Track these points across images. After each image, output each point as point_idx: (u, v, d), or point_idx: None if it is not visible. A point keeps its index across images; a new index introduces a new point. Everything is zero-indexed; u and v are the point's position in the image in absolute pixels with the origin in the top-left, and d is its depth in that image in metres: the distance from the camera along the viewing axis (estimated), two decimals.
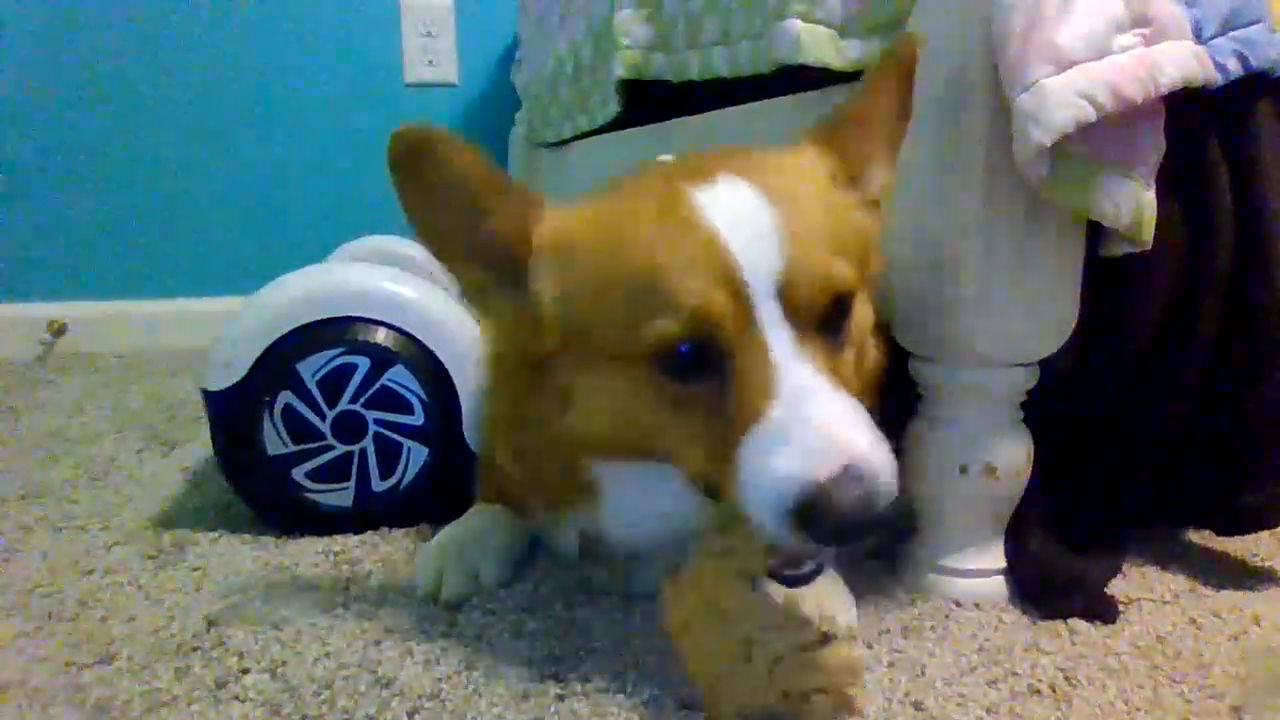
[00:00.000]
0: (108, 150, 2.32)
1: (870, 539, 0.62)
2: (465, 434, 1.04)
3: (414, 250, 1.67)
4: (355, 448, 1.02)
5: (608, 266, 0.70)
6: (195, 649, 0.78)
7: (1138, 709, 0.70)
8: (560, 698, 0.70)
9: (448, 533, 0.92)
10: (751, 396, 0.64)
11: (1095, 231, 0.82)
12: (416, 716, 0.68)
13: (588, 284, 0.71)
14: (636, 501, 0.79)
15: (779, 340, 0.65)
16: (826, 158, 0.76)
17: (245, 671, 0.74)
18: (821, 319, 0.67)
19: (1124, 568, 0.93)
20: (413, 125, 0.72)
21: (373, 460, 1.03)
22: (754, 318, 0.65)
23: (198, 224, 2.41)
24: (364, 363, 1.01)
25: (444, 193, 0.74)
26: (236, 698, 0.70)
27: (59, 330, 2.26)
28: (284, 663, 0.75)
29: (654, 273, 0.66)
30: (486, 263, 0.76)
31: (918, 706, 0.70)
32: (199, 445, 1.40)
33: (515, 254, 0.74)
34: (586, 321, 0.71)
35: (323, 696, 0.70)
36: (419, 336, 1.02)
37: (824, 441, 0.60)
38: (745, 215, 0.67)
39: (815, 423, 0.61)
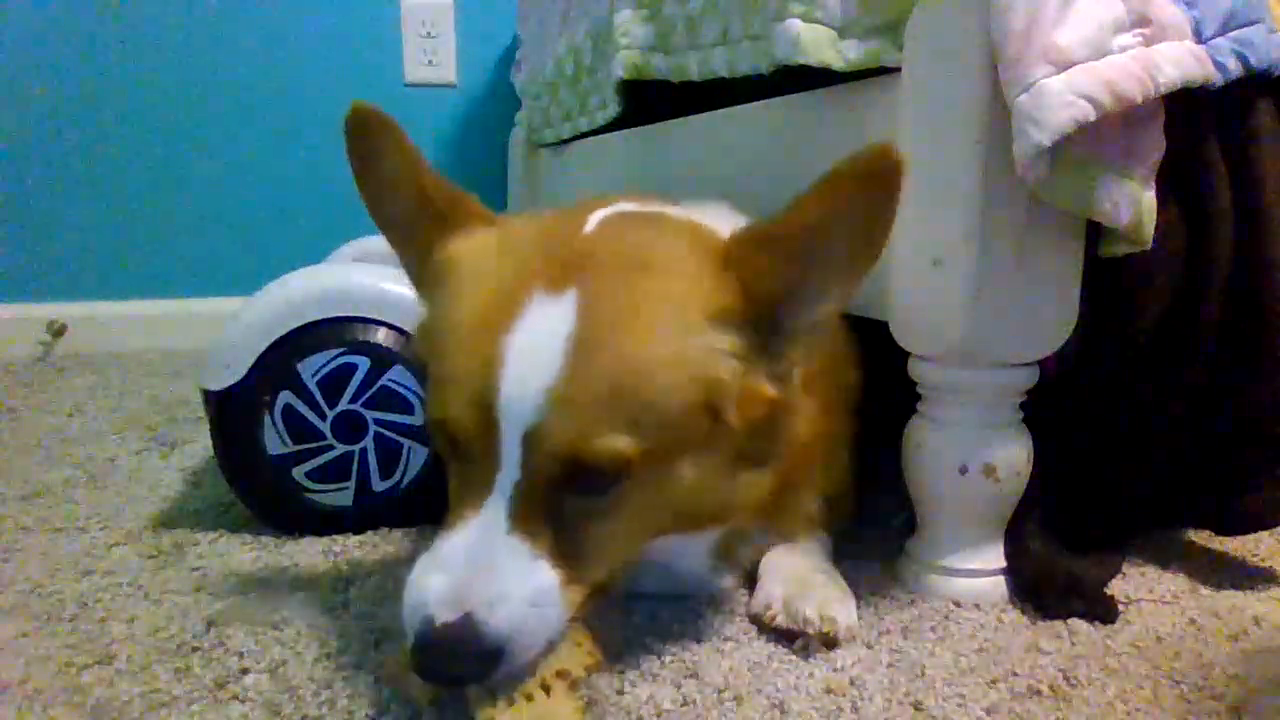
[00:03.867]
0: (106, 150, 2.32)
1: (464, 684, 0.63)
2: None
3: None
4: (355, 448, 1.02)
5: (441, 324, 0.71)
6: (195, 649, 0.78)
7: (1137, 709, 0.70)
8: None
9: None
10: (454, 502, 0.67)
11: (1095, 232, 0.82)
12: (419, 718, 0.67)
13: (431, 319, 0.74)
14: None
15: (505, 474, 0.64)
16: (723, 290, 0.68)
17: (245, 671, 0.74)
18: (567, 480, 0.65)
19: (1124, 568, 0.93)
20: (362, 104, 0.77)
21: (373, 460, 1.03)
22: (496, 447, 0.64)
23: (197, 225, 2.41)
24: (364, 363, 1.01)
25: (381, 178, 0.77)
26: (236, 698, 0.70)
27: (59, 330, 2.25)
28: (284, 663, 0.75)
29: (447, 359, 0.68)
30: (416, 257, 0.78)
31: (917, 706, 0.70)
32: (199, 445, 1.40)
33: (427, 263, 0.76)
34: (423, 347, 0.75)
35: (323, 697, 0.70)
36: None
37: (430, 594, 0.62)
38: (536, 359, 0.64)
39: (443, 573, 0.63)
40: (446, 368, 0.68)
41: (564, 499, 0.65)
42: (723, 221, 0.94)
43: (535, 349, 0.64)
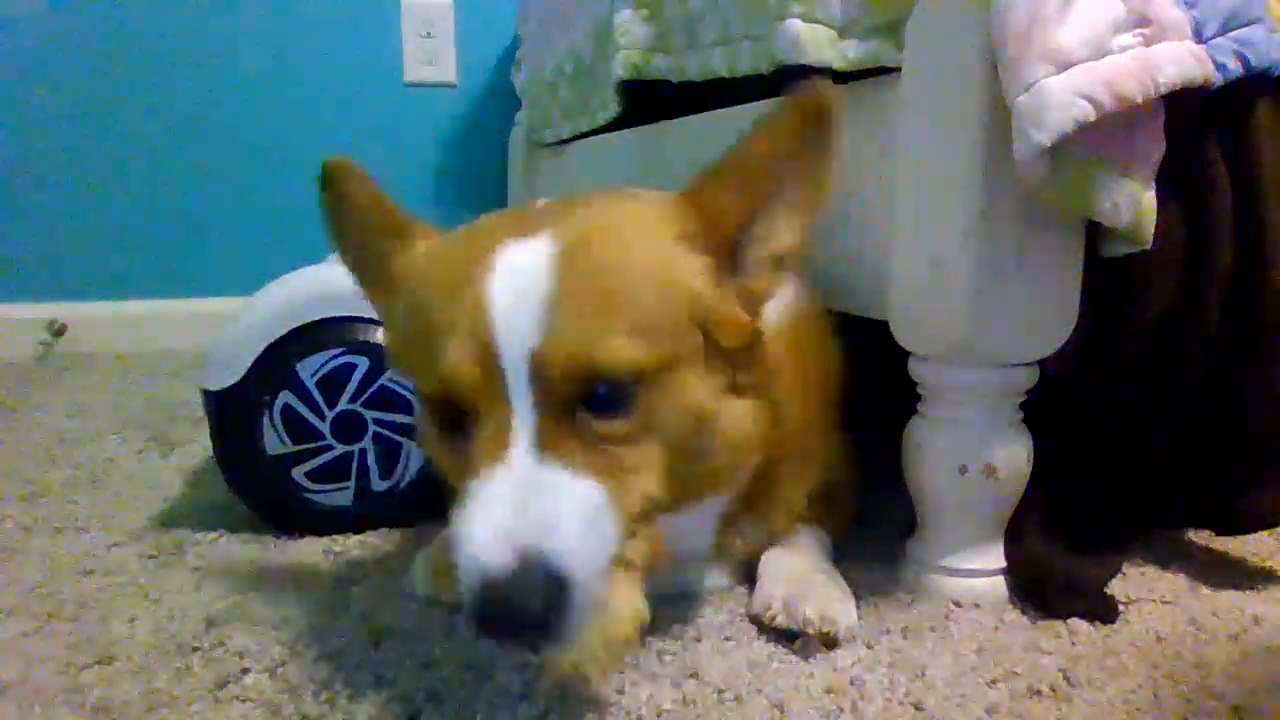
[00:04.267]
0: (106, 151, 2.32)
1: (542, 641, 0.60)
2: None
3: None
4: (355, 448, 1.02)
5: (411, 311, 0.72)
6: (195, 649, 0.78)
7: (1138, 709, 0.70)
8: (561, 698, 0.70)
9: (445, 535, 0.92)
10: (476, 463, 0.63)
11: (1095, 232, 0.82)
12: (420, 717, 0.68)
13: (400, 323, 0.75)
14: None
15: (520, 416, 0.63)
16: (684, 215, 0.71)
17: (245, 671, 0.74)
18: (583, 398, 0.64)
19: (1124, 568, 0.93)
20: (335, 158, 0.81)
21: (372, 460, 1.03)
22: (503, 390, 0.64)
23: (197, 225, 2.41)
24: (363, 363, 1.01)
25: (349, 218, 0.81)
26: (237, 698, 0.70)
27: (59, 330, 2.25)
28: (284, 663, 0.75)
29: (430, 329, 0.67)
30: (376, 287, 0.81)
31: (918, 707, 0.70)
32: (198, 446, 1.40)
33: (385, 283, 0.78)
34: (400, 357, 0.76)
35: (323, 696, 0.70)
36: None
37: (478, 544, 0.59)
38: (523, 286, 0.64)
39: (486, 521, 0.60)
40: (433, 335, 0.67)
41: (586, 424, 0.64)
42: None
43: (520, 276, 0.65)
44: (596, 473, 0.64)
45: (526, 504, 0.60)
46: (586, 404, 0.64)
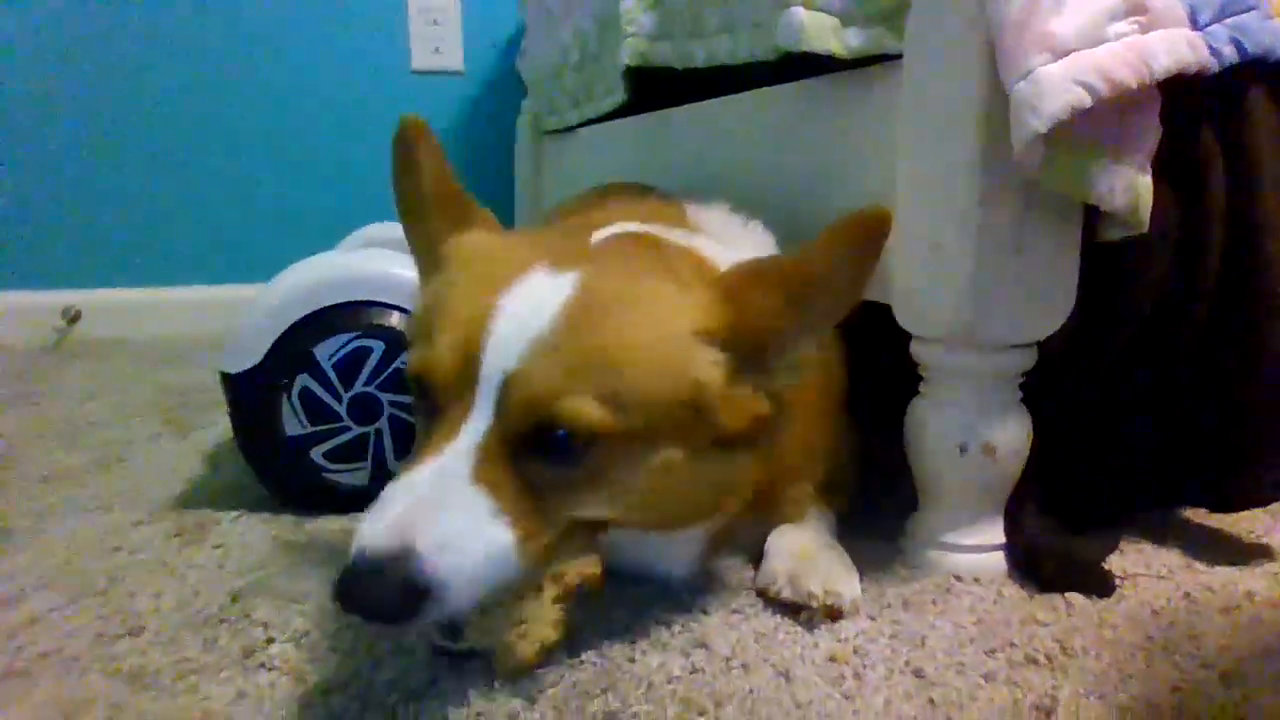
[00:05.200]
0: (119, 139, 2.35)
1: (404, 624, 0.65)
2: None
3: None
4: (371, 428, 1.05)
5: (436, 291, 0.75)
6: (221, 621, 0.81)
7: (1130, 677, 0.73)
8: (571, 666, 0.73)
9: None
10: (421, 449, 0.67)
11: (1092, 216, 0.84)
12: (437, 684, 0.70)
13: (425, 297, 0.78)
14: None
15: (470, 426, 0.66)
16: (715, 311, 0.71)
17: (270, 641, 0.77)
18: (539, 437, 0.66)
19: (1121, 545, 0.96)
20: (411, 117, 0.83)
21: (388, 440, 1.06)
22: (470, 397, 0.66)
23: (208, 212, 2.43)
24: (379, 346, 1.03)
25: (413, 183, 0.83)
26: (263, 665, 0.73)
27: (73, 317, 2.29)
28: (307, 633, 0.78)
29: (439, 314, 0.71)
30: (425, 257, 0.84)
31: (918, 674, 0.73)
32: (214, 429, 1.43)
33: (431, 256, 0.81)
34: (410, 326, 0.80)
35: (346, 665, 0.73)
36: None
37: (375, 522, 0.62)
38: (528, 316, 0.67)
39: (396, 505, 0.63)
40: (439, 321, 0.70)
41: (531, 462, 0.67)
42: (722, 221, 0.97)
43: (530, 306, 0.68)
44: (519, 515, 0.66)
45: (431, 510, 0.63)
46: (541, 442, 0.66)
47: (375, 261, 1.07)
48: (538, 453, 0.67)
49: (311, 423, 1.03)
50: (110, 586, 0.88)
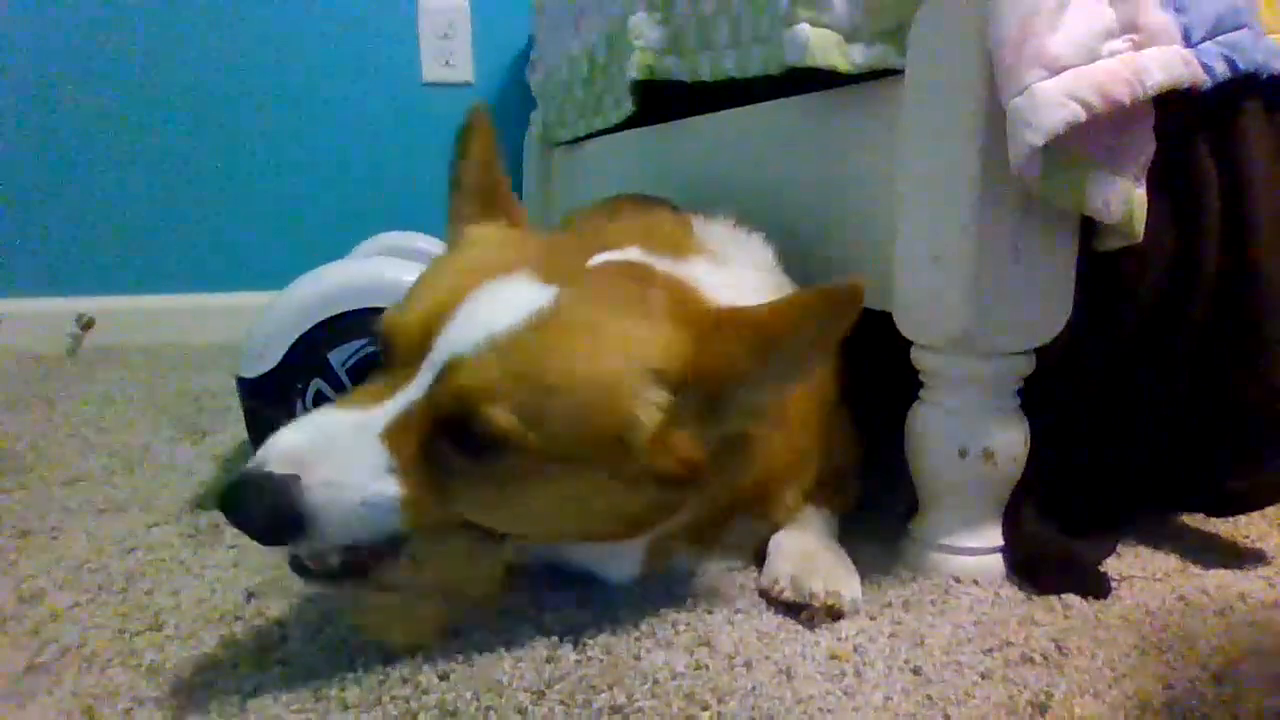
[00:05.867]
0: (131, 149, 2.38)
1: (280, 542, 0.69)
2: None
3: (433, 246, 1.72)
4: None
5: (431, 266, 0.83)
6: (238, 618, 0.83)
7: (1124, 675, 0.74)
8: (578, 662, 0.75)
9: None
10: (352, 394, 0.74)
11: (1090, 227, 0.86)
12: (450, 677, 0.73)
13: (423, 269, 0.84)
14: None
15: (405, 391, 0.70)
16: (678, 353, 0.72)
17: (285, 638, 0.79)
18: (452, 424, 0.69)
19: (1118, 548, 0.97)
20: (479, 106, 0.93)
21: None
22: (414, 368, 0.71)
23: (221, 221, 2.47)
24: None
25: (463, 167, 0.90)
26: (279, 661, 0.75)
27: (87, 324, 2.31)
28: (320, 629, 0.80)
29: (420, 284, 0.78)
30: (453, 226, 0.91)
31: (916, 671, 0.75)
32: (228, 434, 1.45)
33: (454, 237, 0.89)
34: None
35: (359, 659, 0.75)
36: None
37: (278, 443, 0.68)
38: (491, 316, 0.70)
39: (301, 435, 0.69)
40: (419, 290, 0.76)
41: (445, 445, 0.70)
42: (726, 236, 1.00)
43: (498, 305, 0.71)
44: (412, 474, 0.69)
45: (331, 450, 0.68)
46: (458, 430, 0.69)
47: (388, 269, 1.10)
48: (453, 439, 0.70)
49: None
50: (129, 585, 0.90)
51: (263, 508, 0.65)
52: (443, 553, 0.75)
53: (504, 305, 0.71)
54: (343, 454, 0.68)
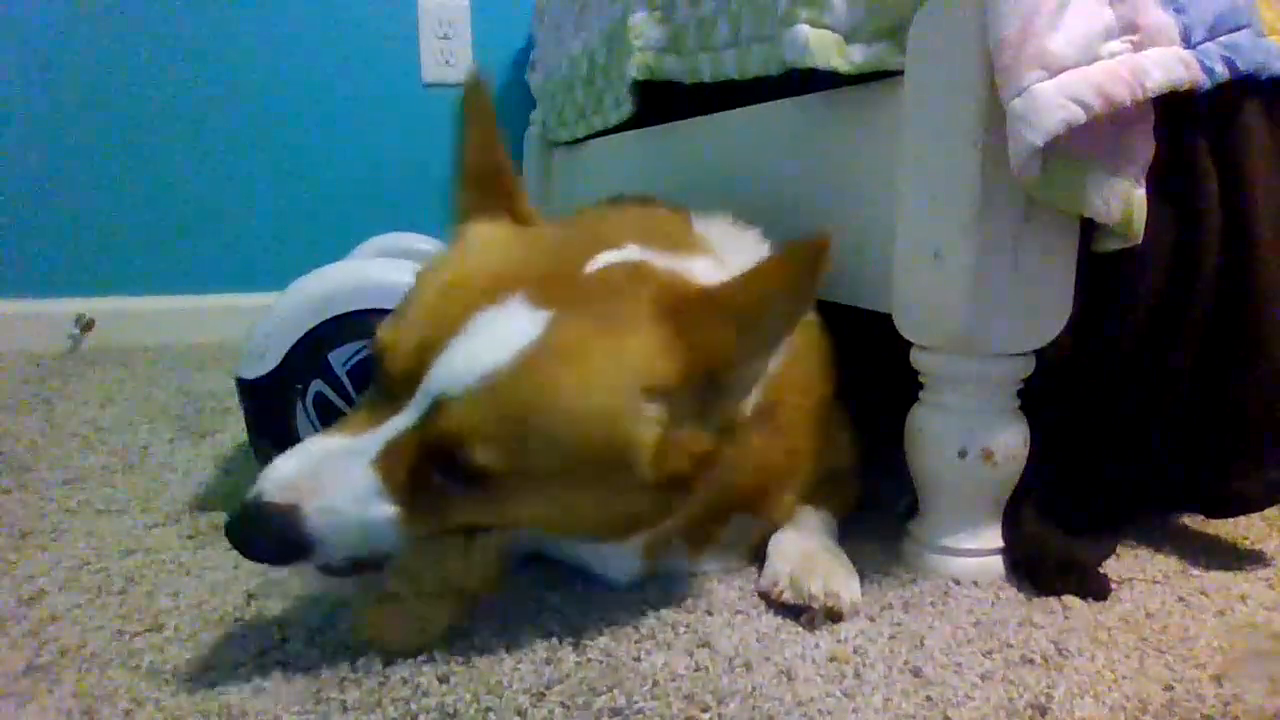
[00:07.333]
0: (133, 149, 2.38)
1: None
2: None
3: (433, 247, 1.72)
4: None
5: (431, 269, 0.80)
6: (238, 619, 0.83)
7: (1124, 677, 0.74)
8: (578, 664, 0.75)
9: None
10: (345, 419, 0.74)
11: (1089, 227, 0.86)
12: (450, 679, 0.73)
13: (425, 266, 0.82)
14: None
15: (395, 420, 0.70)
16: (666, 355, 0.71)
17: (285, 640, 0.79)
18: (439, 455, 0.69)
19: (1117, 549, 0.97)
20: (474, 76, 0.89)
21: None
22: (407, 394, 0.70)
23: (221, 222, 2.46)
24: None
25: (464, 150, 0.88)
26: (279, 662, 0.75)
27: (87, 325, 2.31)
28: (320, 631, 0.80)
29: (418, 297, 0.76)
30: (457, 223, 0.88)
31: (916, 673, 0.75)
32: (228, 435, 1.45)
33: (456, 226, 0.86)
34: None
35: (358, 661, 0.75)
36: None
37: (274, 476, 0.70)
38: (482, 348, 0.69)
39: (297, 463, 0.70)
40: (414, 308, 0.75)
41: (434, 471, 0.70)
42: (724, 232, 0.99)
43: (491, 340, 0.70)
44: (405, 498, 0.71)
45: (326, 478, 0.69)
46: (446, 461, 0.69)
47: (388, 270, 1.10)
48: (441, 468, 0.70)
49: (325, 427, 1.05)
50: (129, 586, 0.90)
51: (267, 539, 0.68)
52: (439, 546, 0.76)
53: (496, 340, 0.70)
54: (337, 482, 0.69)
